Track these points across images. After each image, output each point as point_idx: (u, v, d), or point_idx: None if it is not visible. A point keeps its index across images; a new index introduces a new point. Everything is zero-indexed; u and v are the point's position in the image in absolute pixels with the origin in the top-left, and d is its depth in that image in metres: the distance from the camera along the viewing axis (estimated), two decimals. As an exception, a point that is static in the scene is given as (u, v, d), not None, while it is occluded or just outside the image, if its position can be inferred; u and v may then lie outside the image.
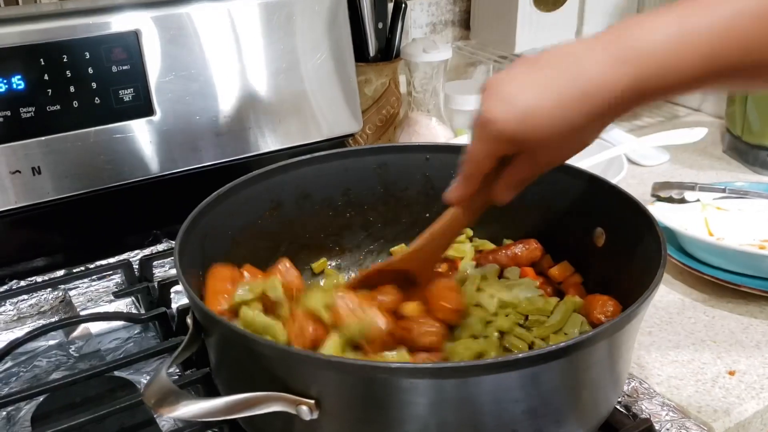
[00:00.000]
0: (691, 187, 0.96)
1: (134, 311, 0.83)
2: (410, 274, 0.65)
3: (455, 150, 0.80)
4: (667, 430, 0.61)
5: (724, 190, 0.95)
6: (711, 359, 0.71)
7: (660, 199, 0.97)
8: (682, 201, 0.96)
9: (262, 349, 0.47)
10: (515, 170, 0.56)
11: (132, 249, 0.90)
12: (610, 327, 0.48)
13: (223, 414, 0.46)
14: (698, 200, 0.95)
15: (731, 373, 0.69)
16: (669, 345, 0.74)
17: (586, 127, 0.50)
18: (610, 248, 0.67)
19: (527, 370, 0.45)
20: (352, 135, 1.01)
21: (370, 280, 0.65)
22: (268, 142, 0.95)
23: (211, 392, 0.64)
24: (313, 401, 0.46)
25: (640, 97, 0.49)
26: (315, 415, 0.46)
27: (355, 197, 0.79)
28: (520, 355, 0.45)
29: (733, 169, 1.14)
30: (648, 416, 0.62)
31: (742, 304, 0.80)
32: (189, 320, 0.55)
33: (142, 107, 0.85)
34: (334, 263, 0.80)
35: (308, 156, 0.76)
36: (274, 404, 0.46)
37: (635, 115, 1.34)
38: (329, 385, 0.46)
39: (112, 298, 0.83)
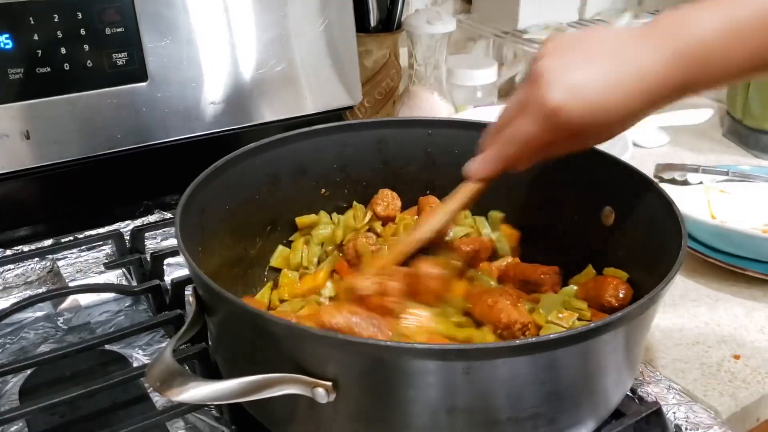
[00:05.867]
0: (695, 169, 0.95)
1: (125, 283, 0.80)
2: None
3: (459, 125, 0.78)
4: (674, 413, 0.60)
5: (727, 173, 0.94)
6: (716, 343, 0.71)
7: (662, 180, 0.96)
8: (685, 183, 0.95)
9: (276, 329, 0.45)
10: (552, 150, 0.56)
11: (122, 219, 0.88)
12: (630, 312, 0.46)
13: (235, 397, 0.43)
14: (701, 183, 0.94)
15: (736, 357, 0.68)
16: (673, 328, 0.73)
17: (636, 118, 0.53)
18: (620, 228, 0.66)
19: (545, 354, 0.44)
20: (350, 108, 0.98)
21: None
22: (264, 113, 0.92)
23: (208, 368, 0.62)
24: (330, 383, 0.44)
25: (686, 91, 0.51)
26: (332, 398, 0.44)
27: (354, 173, 0.77)
28: (538, 338, 0.43)
29: (733, 153, 1.13)
30: (655, 399, 0.61)
31: (745, 288, 0.79)
32: (191, 297, 0.53)
33: (136, 72, 0.82)
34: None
35: (306, 129, 0.74)
36: (290, 386, 0.44)
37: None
38: (348, 367, 0.44)
39: (102, 269, 0.80)
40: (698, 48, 0.49)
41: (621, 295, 0.60)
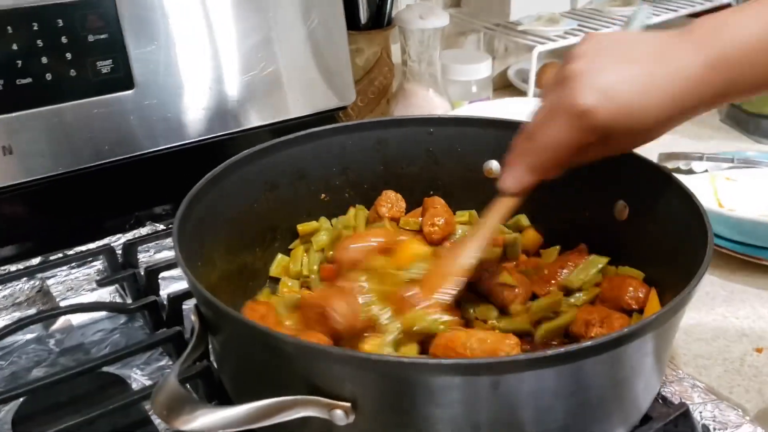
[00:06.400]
0: (699, 157, 0.93)
1: (118, 300, 0.77)
2: None
3: (460, 122, 0.76)
4: (700, 413, 0.58)
5: (732, 160, 0.92)
6: (736, 336, 0.69)
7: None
8: (690, 172, 0.93)
9: (287, 348, 0.42)
10: (584, 156, 0.55)
11: (112, 233, 0.84)
12: (660, 316, 0.44)
13: (247, 423, 0.40)
14: (706, 171, 0.92)
15: (759, 351, 0.67)
16: (691, 323, 0.71)
17: (669, 123, 0.51)
18: (635, 223, 0.64)
19: (576, 364, 0.41)
20: (344, 107, 0.95)
21: None
22: (256, 117, 0.89)
23: (212, 387, 0.59)
24: (348, 404, 0.41)
25: (723, 97, 0.50)
26: (351, 419, 0.41)
27: (354, 176, 0.74)
28: (569, 348, 0.41)
29: (733, 139, 1.12)
30: (680, 400, 0.58)
31: (760, 277, 0.77)
32: (193, 315, 0.50)
33: (122, 80, 0.78)
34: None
35: (303, 132, 0.71)
36: (306, 409, 0.41)
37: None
38: (368, 386, 0.41)
39: (94, 286, 0.77)
40: (739, 52, 0.48)
41: (641, 296, 0.58)
